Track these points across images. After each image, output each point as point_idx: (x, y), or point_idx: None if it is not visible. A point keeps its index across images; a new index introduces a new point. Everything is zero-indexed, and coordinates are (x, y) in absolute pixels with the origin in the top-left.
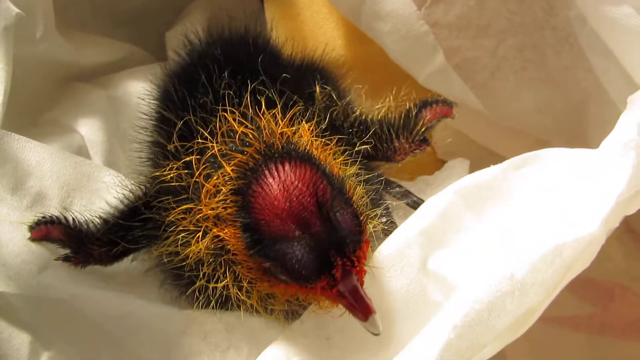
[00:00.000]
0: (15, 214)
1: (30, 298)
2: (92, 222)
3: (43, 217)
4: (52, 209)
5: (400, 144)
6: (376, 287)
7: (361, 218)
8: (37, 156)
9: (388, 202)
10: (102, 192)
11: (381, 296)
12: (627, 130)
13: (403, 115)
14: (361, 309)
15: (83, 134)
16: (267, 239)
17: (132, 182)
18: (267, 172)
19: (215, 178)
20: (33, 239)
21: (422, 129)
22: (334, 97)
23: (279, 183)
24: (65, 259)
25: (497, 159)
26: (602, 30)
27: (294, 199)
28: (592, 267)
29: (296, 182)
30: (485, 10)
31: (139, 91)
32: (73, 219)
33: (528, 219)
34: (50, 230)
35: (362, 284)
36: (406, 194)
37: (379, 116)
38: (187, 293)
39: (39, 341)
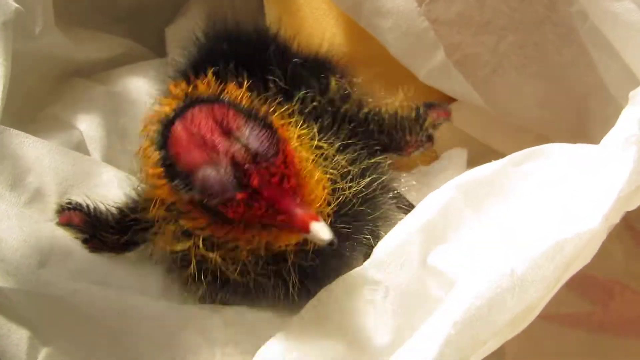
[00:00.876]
0: (13, 210)
1: (29, 293)
2: (109, 210)
3: (68, 203)
4: (51, 205)
5: (411, 137)
6: (376, 282)
7: (276, 136)
8: (36, 152)
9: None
10: (100, 188)
11: (382, 292)
12: (629, 125)
13: (413, 111)
14: (298, 221)
15: (82, 129)
16: (184, 171)
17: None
18: (177, 119)
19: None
20: (59, 223)
21: (430, 126)
22: (348, 89)
23: (184, 121)
24: (84, 241)
25: (498, 155)
26: (603, 26)
27: (196, 129)
28: (592, 264)
29: (198, 117)
30: (485, 7)
31: (139, 87)
32: (94, 207)
33: (529, 215)
34: (72, 216)
35: (300, 196)
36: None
37: (392, 110)
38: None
39: (37, 337)
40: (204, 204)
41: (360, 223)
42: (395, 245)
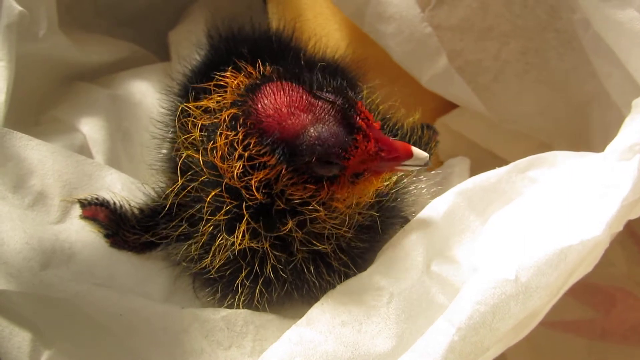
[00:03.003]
0: (16, 212)
1: (32, 296)
2: (133, 210)
3: (95, 198)
4: (54, 208)
5: None
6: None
7: (348, 89)
8: (39, 154)
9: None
10: (103, 191)
11: (386, 298)
12: (632, 134)
13: (420, 130)
14: (400, 149)
15: (85, 132)
16: (293, 141)
17: (163, 177)
18: (256, 97)
19: (220, 136)
20: (83, 216)
21: (434, 147)
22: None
23: (270, 95)
24: (106, 236)
25: (499, 162)
26: (606, 34)
27: (289, 97)
28: (595, 271)
29: (282, 88)
30: (488, 13)
31: (142, 90)
32: (120, 205)
33: (532, 222)
34: (97, 211)
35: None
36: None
37: (407, 125)
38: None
39: (40, 339)
40: (311, 168)
41: (393, 220)
42: (399, 252)
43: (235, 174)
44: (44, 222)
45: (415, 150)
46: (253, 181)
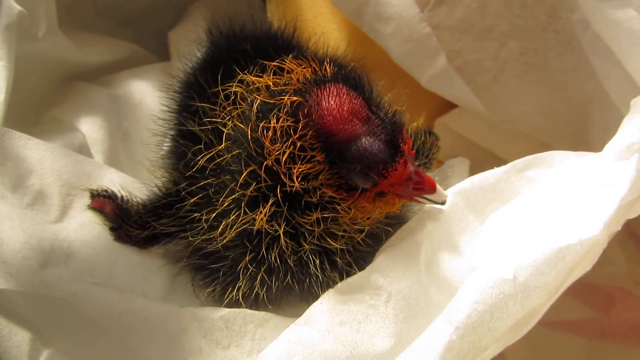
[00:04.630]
0: (15, 212)
1: (31, 295)
2: (137, 205)
3: (104, 190)
4: (53, 207)
5: (424, 159)
6: (379, 288)
7: (395, 111)
8: (39, 154)
9: None
10: None
11: (384, 297)
12: (631, 133)
13: (423, 135)
14: (427, 182)
15: (85, 132)
16: (345, 145)
17: (165, 173)
18: (320, 94)
19: (276, 119)
20: (91, 207)
21: (436, 152)
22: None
23: (335, 96)
24: (111, 229)
25: (499, 162)
26: (605, 34)
27: (352, 104)
28: (594, 271)
29: (344, 92)
30: (487, 14)
31: (141, 90)
32: (127, 199)
33: (531, 222)
34: (104, 204)
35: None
36: None
37: (411, 131)
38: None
39: (39, 338)
40: (350, 175)
41: (398, 226)
42: (398, 251)
43: (281, 159)
44: (43, 221)
45: (439, 188)
46: (295, 170)
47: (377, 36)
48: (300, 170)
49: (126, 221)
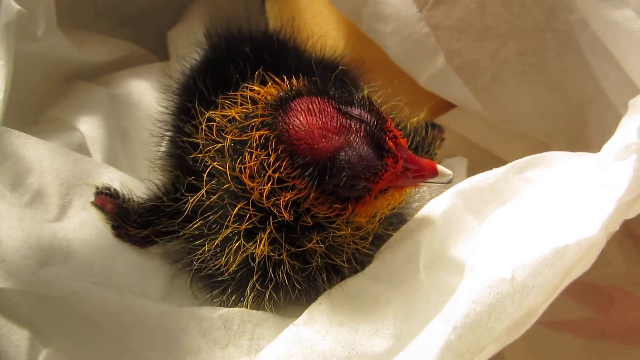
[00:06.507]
0: (14, 210)
1: (30, 294)
2: (137, 204)
3: (107, 188)
4: (52, 206)
5: (425, 155)
6: (378, 289)
7: (376, 106)
8: (38, 153)
9: None
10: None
11: (383, 298)
12: (628, 134)
13: (424, 130)
14: (426, 167)
15: (84, 131)
16: (324, 164)
17: (163, 175)
18: (287, 117)
19: (250, 155)
20: (94, 203)
21: (438, 147)
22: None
23: (302, 115)
24: (112, 227)
25: (498, 162)
26: (603, 34)
27: (320, 118)
28: (592, 271)
29: (312, 106)
30: (486, 13)
31: (141, 90)
32: (129, 198)
33: (529, 222)
34: (106, 202)
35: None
36: None
37: (410, 126)
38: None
39: (38, 337)
40: (337, 189)
41: (399, 225)
42: (397, 252)
43: (264, 194)
44: (42, 220)
45: (440, 168)
46: (281, 201)
47: (375, 36)
48: (287, 198)
49: (126, 221)
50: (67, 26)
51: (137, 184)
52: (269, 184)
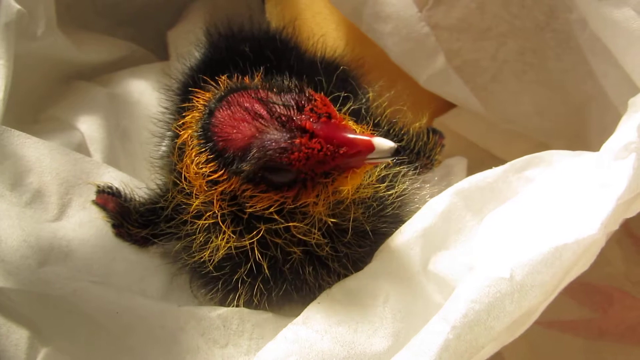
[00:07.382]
0: (14, 210)
1: (29, 293)
2: (138, 204)
3: (109, 187)
4: (51, 205)
5: (426, 160)
6: (377, 288)
7: (306, 89)
8: (37, 152)
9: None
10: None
11: (382, 297)
12: (628, 133)
13: (425, 135)
14: (359, 144)
15: (83, 131)
16: (238, 150)
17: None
18: (211, 114)
19: (186, 156)
20: (96, 202)
21: (439, 152)
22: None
23: (221, 112)
24: (113, 226)
25: (497, 161)
26: (602, 33)
27: (235, 109)
28: (591, 271)
29: (233, 101)
30: (486, 13)
31: (140, 89)
32: (130, 198)
33: (528, 221)
34: (108, 200)
35: (350, 131)
36: None
37: (412, 130)
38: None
39: (37, 337)
40: (266, 177)
41: (396, 226)
42: (395, 251)
43: (201, 189)
44: (41, 219)
45: (378, 141)
46: (215, 195)
47: (375, 36)
48: (218, 192)
49: (127, 220)
50: (67, 26)
51: (137, 184)
52: (202, 179)
